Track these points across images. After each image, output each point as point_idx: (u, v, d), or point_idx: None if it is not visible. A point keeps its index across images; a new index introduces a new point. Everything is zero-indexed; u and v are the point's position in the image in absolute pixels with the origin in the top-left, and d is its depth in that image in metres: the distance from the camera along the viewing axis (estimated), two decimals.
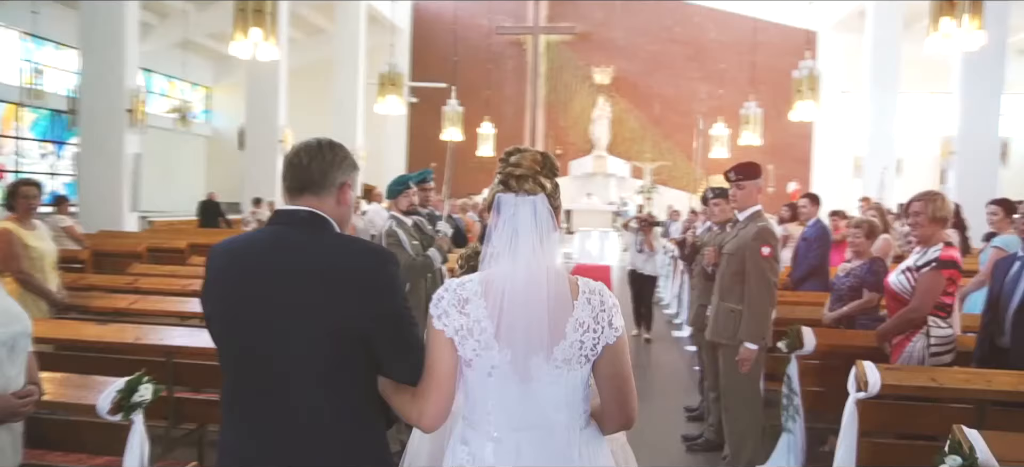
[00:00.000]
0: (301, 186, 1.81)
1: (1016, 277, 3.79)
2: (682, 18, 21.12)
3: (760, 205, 4.20)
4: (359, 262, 1.77)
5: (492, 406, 1.72)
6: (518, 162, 1.76)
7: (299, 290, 1.72)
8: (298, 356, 1.72)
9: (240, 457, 1.78)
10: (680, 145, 21.14)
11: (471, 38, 21.30)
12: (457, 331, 1.69)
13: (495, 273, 1.71)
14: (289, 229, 1.80)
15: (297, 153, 1.83)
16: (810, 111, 12.65)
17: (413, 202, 4.57)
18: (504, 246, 1.73)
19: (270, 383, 1.73)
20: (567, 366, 1.70)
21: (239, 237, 1.95)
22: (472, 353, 1.69)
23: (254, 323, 1.74)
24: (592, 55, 21.51)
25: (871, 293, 4.71)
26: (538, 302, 1.67)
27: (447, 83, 19.01)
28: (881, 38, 15.88)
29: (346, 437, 1.75)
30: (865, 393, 3.32)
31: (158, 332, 3.93)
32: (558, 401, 1.71)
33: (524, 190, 1.73)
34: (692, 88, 21.18)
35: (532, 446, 1.69)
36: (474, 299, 1.70)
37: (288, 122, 15.72)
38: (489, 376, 1.70)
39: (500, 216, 1.75)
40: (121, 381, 2.81)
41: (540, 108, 21.73)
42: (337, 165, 1.84)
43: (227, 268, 1.82)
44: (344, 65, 17.73)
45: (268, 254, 1.77)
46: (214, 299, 1.84)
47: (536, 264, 1.70)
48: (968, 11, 7.64)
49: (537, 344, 1.67)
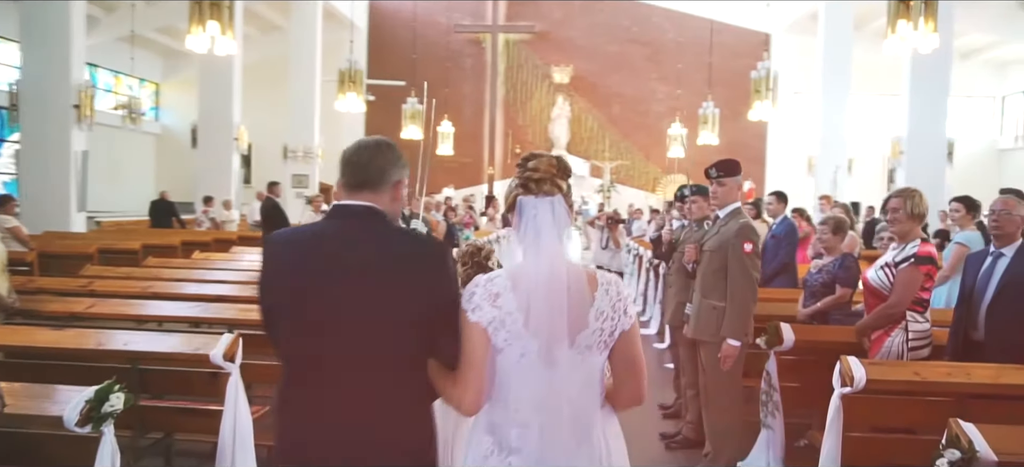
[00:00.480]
0: (360, 183, 1.92)
1: (988, 272, 3.88)
2: (640, 18, 21.29)
3: (740, 202, 4.21)
4: (422, 252, 1.93)
5: (519, 390, 1.86)
6: (536, 166, 1.92)
7: (367, 279, 1.84)
8: (366, 342, 1.84)
9: (307, 440, 1.86)
10: (638, 144, 21.32)
11: (429, 36, 21.09)
12: (490, 322, 1.84)
13: (522, 268, 1.88)
14: (350, 223, 1.90)
15: (357, 151, 1.96)
16: (767, 111, 12.87)
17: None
18: (529, 244, 1.89)
19: (338, 368, 1.84)
20: (588, 351, 1.86)
21: (299, 230, 2.13)
22: (503, 342, 1.84)
23: (324, 312, 1.84)
24: (551, 54, 21.52)
25: (843, 288, 4.78)
26: (561, 294, 1.83)
27: (405, 81, 18.81)
28: (832, 41, 16.27)
29: (408, 417, 1.89)
30: (850, 388, 3.34)
31: (122, 337, 3.73)
32: (580, 383, 1.87)
33: (543, 192, 1.90)
34: (650, 88, 21.37)
35: (555, 427, 1.83)
36: (504, 293, 1.85)
37: (243, 119, 15.30)
38: (518, 362, 1.85)
39: (522, 217, 1.91)
40: (89, 390, 2.64)
41: (499, 107, 21.65)
42: (393, 163, 1.96)
43: (292, 260, 1.92)
44: (300, 62, 17.35)
45: (335, 246, 1.88)
46: (278, 290, 1.92)
47: (558, 259, 1.87)
48: (923, 13, 7.85)
49: (562, 332, 1.82)
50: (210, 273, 6.64)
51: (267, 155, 18.49)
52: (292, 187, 17.49)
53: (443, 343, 1.89)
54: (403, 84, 18.94)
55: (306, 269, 1.87)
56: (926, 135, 13.62)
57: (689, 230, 4.99)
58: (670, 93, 21.02)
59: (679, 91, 20.63)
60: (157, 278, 6.25)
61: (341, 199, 1.95)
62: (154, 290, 5.58)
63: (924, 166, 13.45)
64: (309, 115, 17.52)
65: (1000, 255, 3.85)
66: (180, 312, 4.82)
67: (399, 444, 1.86)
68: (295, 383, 1.90)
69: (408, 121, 16.99)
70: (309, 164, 17.59)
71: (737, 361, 4.06)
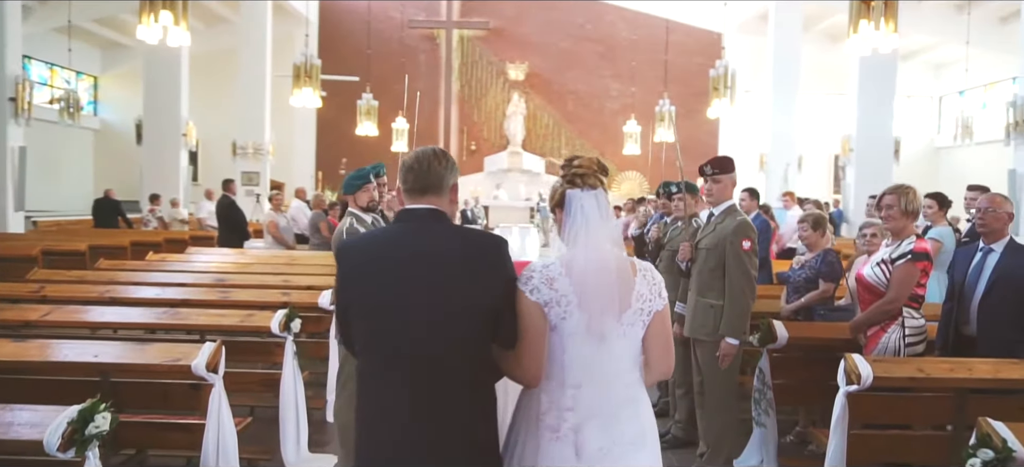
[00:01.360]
0: (422, 188, 2.12)
1: (978, 268, 3.93)
2: (594, 16, 21.36)
3: (734, 199, 4.18)
4: (485, 246, 2.13)
5: (572, 361, 2.09)
6: (581, 164, 2.19)
7: (438, 276, 2.03)
8: (445, 331, 2.01)
9: (391, 424, 2.02)
10: (593, 142, 21.36)
11: (383, 31, 20.72)
12: (547, 303, 2.08)
13: (573, 255, 2.11)
14: (418, 224, 2.10)
15: (417, 160, 2.14)
16: (725, 108, 13.04)
17: (374, 198, 4.24)
18: (578, 231, 2.12)
19: (421, 357, 2.01)
20: (631, 328, 2.13)
21: (372, 234, 2.47)
22: (558, 319, 2.08)
23: (404, 306, 2.02)
24: (506, 51, 21.41)
25: (827, 283, 4.81)
26: (609, 276, 2.09)
27: (359, 76, 18.42)
28: (782, 41, 16.64)
29: (480, 398, 2.09)
30: (857, 386, 3.33)
31: (91, 348, 3.45)
32: (623, 355, 2.13)
33: (588, 185, 2.16)
34: (604, 85, 21.47)
35: (601, 392, 2.09)
36: (559, 277, 2.08)
37: (190, 115, 14.71)
38: (571, 337, 2.08)
39: (571, 208, 2.15)
40: (72, 409, 2.39)
41: (454, 103, 21.44)
42: (449, 170, 2.16)
43: (371, 260, 2.11)
44: (250, 56, 16.76)
45: (407, 246, 2.07)
46: (358, 289, 2.10)
47: (605, 245, 2.12)
48: (883, 14, 8.02)
49: (610, 311, 2.08)
50: (169, 275, 6.30)
51: (215, 152, 17.85)
52: (242, 184, 16.90)
53: (505, 327, 2.09)
54: (356, 80, 18.55)
55: (381, 269, 2.07)
56: (874, 133, 14.05)
57: (677, 228, 4.93)
58: (624, 90, 21.18)
59: (633, 89, 20.80)
60: (113, 282, 5.89)
61: (404, 204, 2.17)
62: (113, 295, 5.24)
63: (873, 163, 13.88)
64: (259, 110, 16.95)
65: (989, 251, 3.91)
66: (144, 318, 4.52)
67: (466, 431, 2.04)
68: (373, 376, 2.07)
69: (363, 117, 16.64)
70: (259, 161, 17.01)
71: (734, 359, 4.02)
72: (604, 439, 2.07)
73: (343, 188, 4.27)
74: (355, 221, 4.09)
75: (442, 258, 2.05)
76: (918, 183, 11.79)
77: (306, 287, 5.89)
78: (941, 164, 20.17)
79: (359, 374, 2.12)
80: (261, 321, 4.35)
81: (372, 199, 4.21)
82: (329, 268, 7.17)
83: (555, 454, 2.07)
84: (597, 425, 2.07)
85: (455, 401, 2.02)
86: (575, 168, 2.18)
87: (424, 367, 2.01)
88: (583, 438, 2.07)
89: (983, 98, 18.88)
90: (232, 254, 7.97)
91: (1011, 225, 3.95)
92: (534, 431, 2.11)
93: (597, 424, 2.07)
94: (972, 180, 6.45)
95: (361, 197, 4.18)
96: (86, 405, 2.39)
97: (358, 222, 4.11)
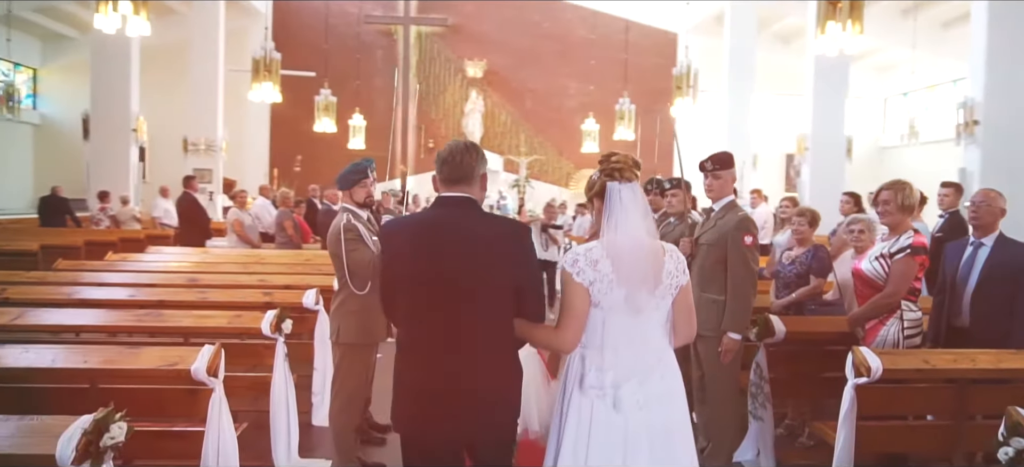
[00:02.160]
0: (456, 178, 2.42)
1: (970, 262, 4.04)
2: (551, 15, 21.39)
3: (734, 195, 4.19)
4: (512, 230, 2.48)
5: (610, 331, 2.40)
6: (619, 160, 2.47)
7: (472, 255, 2.34)
8: (479, 302, 2.33)
9: (432, 383, 2.34)
10: (551, 140, 21.43)
11: (339, 27, 20.32)
12: (591, 282, 2.37)
13: (613, 239, 2.40)
14: (453, 210, 2.40)
15: (451, 153, 2.43)
16: (688, 107, 13.20)
17: (371, 193, 4.10)
18: (618, 218, 2.40)
19: (458, 325, 2.32)
20: (662, 300, 2.45)
21: (411, 217, 2.76)
22: (601, 296, 2.38)
23: (445, 280, 2.31)
24: (463, 48, 21.27)
25: (817, 279, 4.88)
26: (645, 258, 2.39)
27: (315, 72, 18.02)
28: (738, 42, 16.97)
29: (507, 360, 2.43)
30: (867, 378, 3.37)
31: (80, 353, 3.23)
32: (655, 324, 2.47)
33: (625, 179, 2.43)
34: (562, 84, 21.53)
35: (636, 355, 2.41)
36: (602, 260, 2.38)
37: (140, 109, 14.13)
38: (611, 310, 2.39)
39: (611, 198, 2.42)
40: (84, 419, 2.22)
41: (412, 100, 21.19)
42: (479, 161, 2.46)
43: (413, 241, 2.41)
44: (202, 50, 16.18)
45: (444, 229, 2.37)
46: (397, 268, 2.42)
47: (640, 230, 2.42)
48: (849, 15, 8.23)
49: (645, 287, 2.40)
50: (137, 276, 6.00)
51: (164, 148, 17.21)
52: None
53: (530, 302, 2.42)
54: (312, 75, 18.15)
55: (421, 249, 2.36)
56: (828, 133, 14.42)
57: (670, 224, 4.93)
58: (582, 89, 21.28)
59: (591, 87, 20.92)
60: (76, 283, 5.59)
61: (440, 192, 2.45)
62: (82, 296, 4.96)
63: (827, 162, 14.26)
64: (212, 106, 16.37)
65: (980, 245, 4.03)
66: (125, 321, 4.28)
67: (496, 386, 2.38)
68: (413, 346, 2.39)
69: (321, 114, 16.26)
70: (212, 157, 16.45)
71: (736, 354, 4.03)
72: (640, 395, 2.38)
73: (338, 183, 4.10)
74: (352, 217, 3.95)
75: (476, 239, 2.36)
76: (866, 182, 12.22)
77: (284, 286, 5.70)
78: (887, 163, 20.89)
79: (400, 341, 2.42)
80: (250, 322, 4.17)
81: (369, 195, 4.07)
82: (304, 266, 6.97)
83: (599, 408, 2.38)
84: (634, 383, 2.38)
85: (486, 362, 2.35)
86: (613, 164, 2.45)
87: (461, 334, 2.32)
88: (622, 394, 2.38)
89: (926, 100, 19.61)
90: (197, 253, 7.66)
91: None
92: (579, 390, 2.41)
93: (634, 383, 2.38)
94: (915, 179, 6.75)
95: (358, 192, 4.04)
96: (101, 414, 2.23)
97: (355, 218, 3.97)
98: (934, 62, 18.20)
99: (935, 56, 17.91)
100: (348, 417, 4.04)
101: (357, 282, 3.87)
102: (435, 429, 2.35)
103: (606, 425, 2.36)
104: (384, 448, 4.63)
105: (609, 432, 2.36)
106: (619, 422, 2.35)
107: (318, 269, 6.77)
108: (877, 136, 21.50)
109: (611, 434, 2.35)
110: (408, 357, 2.39)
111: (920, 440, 3.61)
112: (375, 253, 3.91)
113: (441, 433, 2.35)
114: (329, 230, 4.02)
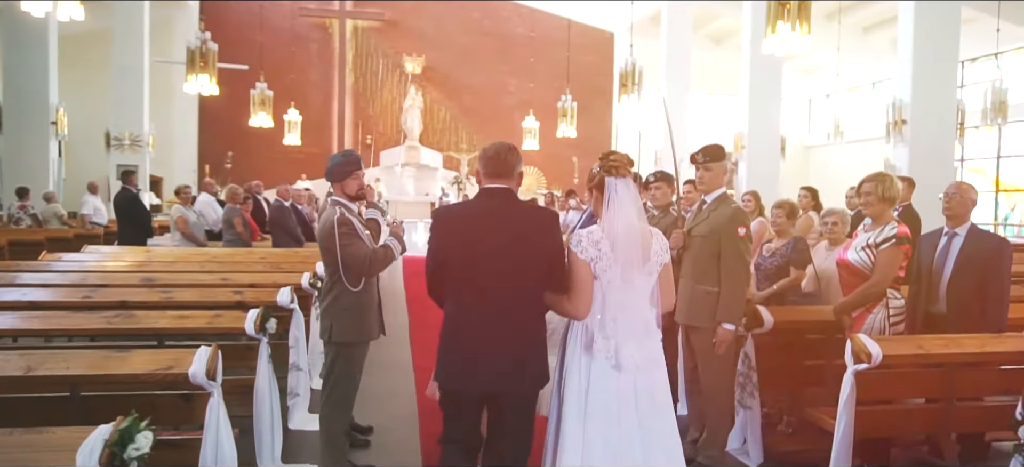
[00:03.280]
0: (498, 173, 2.88)
1: (945, 251, 4.21)
2: (491, 12, 21.34)
3: (725, 187, 4.23)
4: (543, 217, 2.96)
5: (610, 300, 2.82)
6: (616, 159, 2.89)
7: (512, 237, 2.80)
8: (521, 276, 2.81)
9: (479, 337, 2.80)
10: (491, 136, 21.18)
11: (272, 19, 19.64)
12: (593, 259, 2.79)
13: (611, 224, 2.83)
14: (496, 200, 2.87)
15: (496, 152, 2.89)
16: (634, 104, 13.39)
17: (364, 185, 3.92)
18: (616, 207, 2.84)
19: (502, 293, 2.80)
20: (649, 276, 2.90)
21: (461, 205, 3.32)
22: (601, 271, 2.80)
23: (493, 256, 2.77)
24: (402, 43, 20.95)
25: (797, 270, 5.00)
26: (636, 238, 2.83)
27: (248, 65, 17.34)
28: (674, 42, 17.35)
29: (540, 324, 2.94)
30: (867, 364, 3.46)
31: (61, 358, 2.96)
32: (644, 295, 2.91)
33: (621, 175, 2.87)
34: (501, 81, 21.52)
35: (630, 321, 2.84)
36: (602, 240, 2.81)
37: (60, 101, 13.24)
38: (609, 283, 2.81)
39: (609, 191, 2.86)
40: (104, 429, 2.02)
41: (348, 95, 20.73)
42: (517, 159, 2.92)
43: (459, 226, 2.91)
44: (125, 39, 15.30)
45: (489, 215, 2.84)
46: (450, 248, 2.86)
47: (632, 217, 2.85)
48: (798, 15, 8.49)
49: (637, 263, 2.83)
50: (86, 276, 5.60)
51: (83, 143, 16.24)
52: (116, 179, 15.48)
53: (556, 277, 2.85)
54: (245, 68, 17.45)
55: (471, 232, 2.83)
56: (764, 132, 14.92)
57: (654, 217, 4.94)
58: (521, 86, 21.31)
59: (531, 84, 20.97)
60: (14, 284, 5.17)
61: (482, 184, 2.92)
62: (32, 299, 4.58)
63: (763, 159, 14.77)
64: (137, 98, 15.51)
65: (954, 235, 4.20)
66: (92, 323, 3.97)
67: (530, 344, 2.86)
68: (464, 310, 2.83)
69: (257, 108, 15.66)
70: (138, 154, 15.59)
71: (731, 345, 4.07)
72: (637, 356, 2.80)
73: (328, 174, 3.90)
74: (344, 211, 3.76)
75: (517, 224, 2.83)
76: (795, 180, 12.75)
77: (249, 285, 5.44)
78: (812, 161, 21.85)
79: (450, 312, 2.86)
80: (231, 322, 3.95)
81: (362, 187, 3.90)
82: (262, 264, 6.68)
83: (603, 366, 2.80)
84: (632, 345, 2.81)
85: (523, 321, 2.83)
86: (612, 162, 2.88)
87: (504, 299, 2.79)
88: (622, 355, 2.79)
89: (848, 101, 20.57)
90: (142, 252, 7.22)
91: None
92: (586, 352, 2.83)
93: (632, 345, 2.81)
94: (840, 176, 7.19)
95: (350, 184, 3.85)
96: (125, 424, 2.02)
97: (347, 212, 3.78)
98: (856, 65, 19.12)
99: (858, 59, 18.82)
100: (340, 419, 3.87)
101: (351, 278, 3.70)
102: (479, 380, 2.80)
103: (604, 382, 2.79)
104: (369, 450, 4.47)
105: (606, 390, 2.78)
106: (614, 380, 2.78)
107: (277, 266, 6.50)
108: (803, 136, 22.43)
109: (607, 391, 2.78)
110: (459, 320, 2.83)
111: (913, 423, 3.75)
112: (370, 247, 3.76)
113: (484, 384, 2.81)
114: (320, 224, 3.83)
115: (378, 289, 4.03)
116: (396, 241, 3.87)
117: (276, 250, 7.91)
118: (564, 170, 21.06)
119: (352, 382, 3.86)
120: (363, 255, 3.66)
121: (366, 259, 3.67)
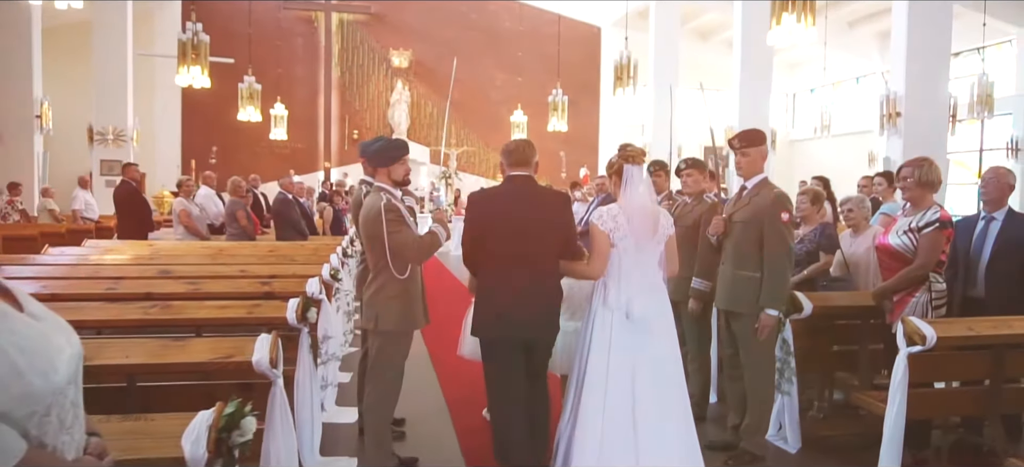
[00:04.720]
0: (520, 163, 3.55)
1: (982, 235, 4.25)
2: (478, 6, 21.23)
3: (765, 173, 4.22)
4: (559, 198, 3.68)
5: (624, 264, 3.43)
6: (632, 150, 3.53)
7: (535, 213, 3.47)
8: (542, 245, 3.46)
9: (511, 291, 3.45)
10: (478, 131, 21.31)
11: (257, 12, 19.29)
12: (611, 230, 3.40)
13: (628, 202, 3.47)
14: (520, 185, 3.52)
15: (516, 146, 3.62)
16: (629, 97, 13.41)
17: (408, 171, 3.84)
18: (632, 188, 3.48)
19: (527, 260, 3.44)
20: (657, 245, 3.51)
21: (493, 189, 3.76)
22: (618, 239, 3.41)
23: (518, 229, 3.43)
24: (388, 37, 20.77)
25: (827, 256, 5.02)
26: (648, 215, 3.47)
27: (234, 59, 17.04)
28: (662, 36, 17.42)
29: (556, 284, 3.56)
30: (922, 346, 3.47)
31: (119, 348, 2.85)
32: (654, 261, 3.53)
33: (637, 163, 3.50)
34: (489, 75, 21.43)
35: (641, 279, 3.44)
36: (619, 215, 3.42)
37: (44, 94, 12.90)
38: (625, 251, 3.42)
39: (626, 176, 3.50)
40: (205, 414, 1.94)
41: (334, 90, 20.50)
42: (534, 152, 3.61)
43: (496, 203, 3.57)
44: (107, 31, 14.97)
45: (516, 196, 3.51)
46: (485, 223, 3.53)
47: (645, 197, 3.52)
48: (804, 9, 8.55)
49: (649, 234, 3.45)
50: (98, 269, 5.44)
51: (65, 138, 15.85)
52: (101, 174, 15.16)
53: (571, 246, 3.55)
54: (231, 61, 17.14)
55: (502, 210, 3.51)
56: (754, 125, 14.93)
57: (685, 203, 4.93)
58: (509, 81, 21.25)
59: (519, 79, 20.91)
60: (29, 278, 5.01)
61: (507, 173, 3.58)
62: (53, 291, 4.43)
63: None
64: (120, 92, 15.21)
65: (991, 219, 4.25)
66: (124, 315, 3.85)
67: (550, 299, 3.52)
68: (497, 273, 3.48)
69: (245, 102, 15.40)
70: (121, 148, 15.26)
71: (772, 331, 4.06)
72: (645, 308, 3.38)
73: (372, 161, 3.80)
74: (391, 197, 3.68)
75: (538, 204, 3.51)
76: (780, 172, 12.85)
77: (269, 276, 5.33)
78: (797, 155, 22.09)
79: (484, 275, 3.52)
80: (271, 312, 3.85)
81: (408, 172, 3.82)
82: (275, 256, 6.55)
83: (617, 316, 3.40)
84: (641, 300, 3.39)
85: (544, 279, 3.48)
86: (629, 152, 3.52)
87: (531, 262, 3.44)
88: (632, 306, 3.38)
89: (832, 95, 20.82)
90: (148, 246, 7.04)
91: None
92: (603, 306, 3.45)
93: (641, 299, 3.39)
94: (827, 169, 7.32)
95: (397, 170, 3.76)
96: (231, 409, 1.95)
97: (393, 198, 3.70)
98: (841, 60, 19.35)
99: (843, 54, 19.04)
100: (386, 409, 3.79)
101: (399, 265, 3.62)
102: (517, 328, 3.43)
103: (622, 331, 3.37)
104: (404, 442, 4.41)
105: (623, 336, 3.37)
106: (629, 333, 3.36)
107: (290, 259, 6.38)
108: (788, 130, 22.67)
109: (624, 338, 3.37)
110: (492, 283, 3.49)
111: (963, 404, 3.77)
112: (417, 234, 3.69)
113: (513, 331, 3.44)
114: (364, 211, 3.73)
115: (421, 277, 3.96)
116: (441, 227, 3.80)
117: (282, 243, 7.77)
118: (552, 164, 21.03)
119: (398, 372, 3.78)
120: (411, 242, 3.59)
121: (414, 246, 3.60)
